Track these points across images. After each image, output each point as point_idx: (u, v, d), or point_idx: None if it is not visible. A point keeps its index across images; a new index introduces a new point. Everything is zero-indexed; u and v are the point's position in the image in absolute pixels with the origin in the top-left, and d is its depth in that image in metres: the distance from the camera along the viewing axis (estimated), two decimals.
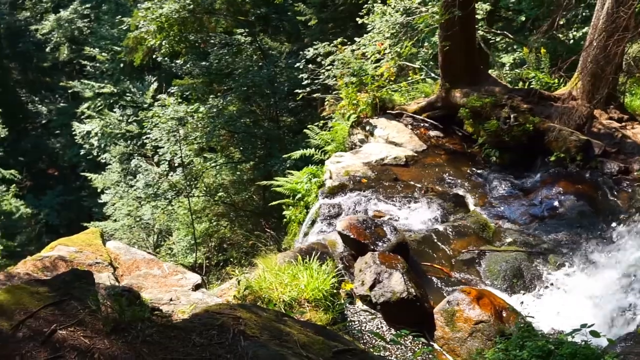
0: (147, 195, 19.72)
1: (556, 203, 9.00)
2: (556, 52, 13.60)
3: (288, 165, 15.53)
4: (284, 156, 15.49)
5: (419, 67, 13.42)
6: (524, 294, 7.28)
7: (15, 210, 20.88)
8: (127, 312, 3.74)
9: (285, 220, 11.59)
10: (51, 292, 4.02)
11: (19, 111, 35.35)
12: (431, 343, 6.40)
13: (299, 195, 11.00)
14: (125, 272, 8.36)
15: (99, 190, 25.11)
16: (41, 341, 3.50)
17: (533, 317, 6.01)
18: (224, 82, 19.70)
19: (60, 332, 3.58)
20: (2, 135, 16.85)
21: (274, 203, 12.46)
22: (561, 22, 12.47)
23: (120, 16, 25.18)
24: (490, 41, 16.07)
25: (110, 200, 23.30)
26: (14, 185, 19.61)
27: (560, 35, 14.59)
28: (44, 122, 35.48)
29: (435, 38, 12.56)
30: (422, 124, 11.57)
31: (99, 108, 28.36)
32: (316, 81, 13.27)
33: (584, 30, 13.91)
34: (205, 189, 19.57)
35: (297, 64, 14.52)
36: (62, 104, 35.33)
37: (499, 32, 15.75)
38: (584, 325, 4.67)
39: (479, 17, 13.49)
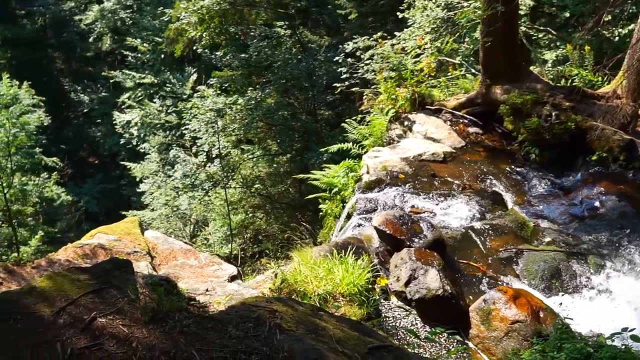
0: (185, 185, 19.94)
1: (597, 203, 8.83)
2: (601, 49, 13.33)
3: (325, 158, 15.54)
4: (321, 149, 15.49)
5: (459, 62, 13.27)
6: (562, 295, 7.16)
7: (57, 197, 21.22)
8: (165, 302, 3.79)
9: (321, 214, 11.60)
10: (91, 280, 4.09)
11: (61, 100, 35.94)
12: (466, 341, 6.35)
13: (335, 189, 11.00)
14: (163, 261, 8.48)
15: (137, 179, 25.42)
16: (81, 328, 3.56)
17: (572, 319, 5.91)
18: (263, 74, 19.79)
19: (99, 319, 3.65)
20: (45, 124, 17.05)
21: (310, 197, 12.47)
22: (607, 19, 12.20)
23: (162, 7, 25.41)
24: (533, 37, 15.83)
25: (148, 190, 23.58)
26: (56, 172, 19.88)
27: (606, 32, 14.27)
28: (85, 111, 36.02)
29: (476, 34, 12.42)
30: (461, 120, 11.46)
31: (140, 98, 28.68)
32: (355, 75, 13.22)
33: (630, 27, 13.58)
34: (241, 180, 19.70)
35: (336, 58, 14.50)
36: (103, 94, 35.81)
37: (541, 28, 15.50)
38: (624, 329, 4.58)
39: (521, 12, 13.31)
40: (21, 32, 36.25)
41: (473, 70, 13.03)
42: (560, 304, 6.77)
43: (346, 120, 13.84)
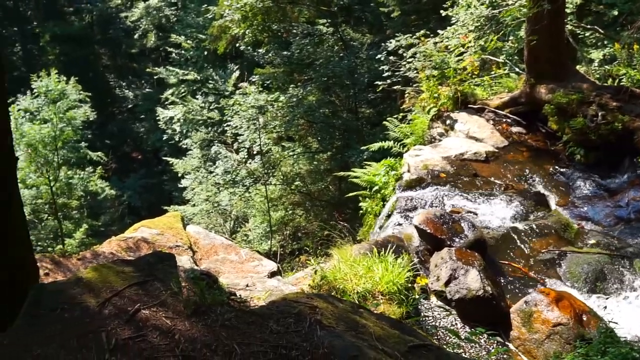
0: (226, 181, 20.16)
1: None
2: None
3: (365, 156, 15.51)
4: (362, 147, 15.47)
5: (503, 61, 13.11)
6: (606, 298, 7.02)
7: (101, 191, 21.59)
8: (207, 295, 3.84)
9: (361, 212, 11.60)
10: (136, 272, 4.16)
11: (107, 96, 36.62)
12: (506, 343, 6.28)
13: (375, 188, 10.98)
14: (204, 256, 8.57)
15: (179, 175, 25.73)
16: (125, 319, 3.63)
17: (616, 323, 5.79)
18: (305, 72, 19.85)
19: (143, 311, 3.71)
20: (91, 119, 17.39)
21: (350, 194, 12.47)
22: None
23: (205, 5, 25.70)
24: (579, 36, 15.52)
25: (189, 185, 23.85)
26: (100, 167, 20.28)
27: None
28: (130, 106, 36.62)
29: (521, 32, 12.25)
30: (504, 120, 11.33)
31: (183, 94, 29.00)
32: (397, 73, 13.16)
33: None
34: (282, 177, 19.79)
35: (378, 56, 14.47)
36: (147, 90, 36.35)
37: (589, 26, 15.19)
38: None
39: (568, 10, 13.07)
40: (69, 29, 37.13)
41: (517, 69, 12.86)
42: (605, 307, 6.66)
43: (387, 118, 13.80)
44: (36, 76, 16.30)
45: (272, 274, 7.96)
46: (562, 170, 9.96)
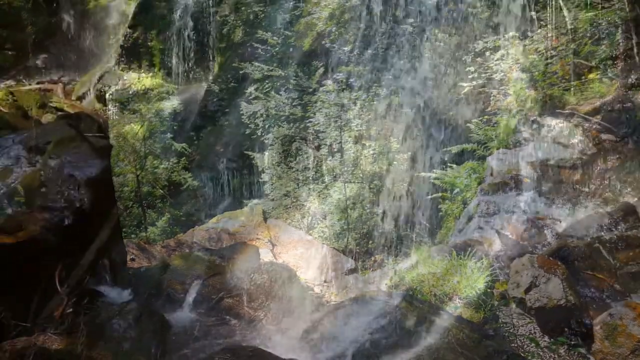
0: (305, 177, 20.29)
1: None
2: None
3: (446, 158, 15.32)
4: (444, 149, 15.28)
5: (595, 65, 12.68)
6: None
7: (184, 181, 22.18)
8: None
9: (440, 213, 11.47)
10: (220, 262, 4.29)
11: None
12: (588, 355, 6.11)
13: (456, 190, 10.85)
14: (283, 250, 8.70)
15: (259, 169, 26.03)
16: (210, 307, 3.76)
17: None
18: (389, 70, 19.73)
19: (226, 300, 3.83)
20: (177, 111, 17.86)
21: (431, 196, 12.35)
22: None
23: (293, 2, 25.90)
24: None
25: (269, 180, 24.11)
26: (184, 158, 20.80)
27: None
28: (215, 100, 37.26)
29: (617, 36, 11.83)
30: (594, 126, 10.97)
31: (266, 90, 29.32)
32: (483, 75, 12.95)
33: None
34: (361, 175, 19.76)
35: (465, 57, 14.27)
36: (232, 84, 36.91)
37: None
38: None
39: None
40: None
41: (610, 75, 12.42)
42: None
43: (471, 120, 13.59)
44: (128, 68, 16.85)
45: (350, 271, 8.00)
46: None
